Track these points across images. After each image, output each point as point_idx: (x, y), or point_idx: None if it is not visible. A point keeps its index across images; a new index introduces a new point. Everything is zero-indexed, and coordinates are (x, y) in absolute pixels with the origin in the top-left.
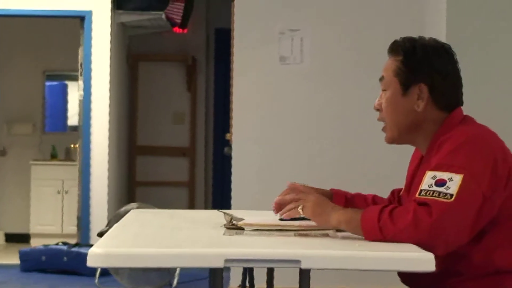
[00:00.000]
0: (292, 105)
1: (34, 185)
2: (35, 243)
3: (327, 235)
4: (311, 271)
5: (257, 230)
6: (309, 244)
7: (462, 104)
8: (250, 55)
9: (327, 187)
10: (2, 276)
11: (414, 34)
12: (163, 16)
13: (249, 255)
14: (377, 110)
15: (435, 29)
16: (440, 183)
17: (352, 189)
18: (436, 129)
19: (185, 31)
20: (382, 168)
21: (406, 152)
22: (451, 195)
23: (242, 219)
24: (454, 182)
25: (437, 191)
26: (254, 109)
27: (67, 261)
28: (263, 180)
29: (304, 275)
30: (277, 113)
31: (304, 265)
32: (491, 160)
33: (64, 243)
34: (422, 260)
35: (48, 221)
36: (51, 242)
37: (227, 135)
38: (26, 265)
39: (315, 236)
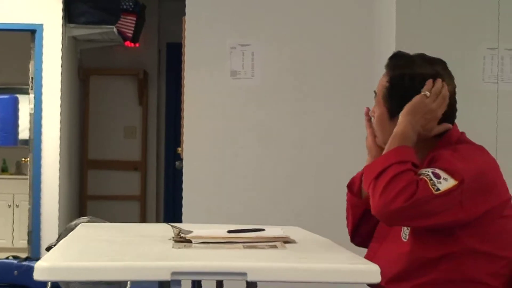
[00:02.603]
0: (243, 119)
1: None
2: None
3: (275, 247)
4: (260, 283)
5: (205, 242)
6: (256, 257)
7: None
8: (201, 69)
9: (278, 202)
10: None
11: (365, 48)
12: (115, 30)
13: (195, 267)
14: (371, 117)
15: (385, 43)
16: (436, 175)
17: (304, 203)
18: (428, 151)
19: (137, 45)
20: (336, 181)
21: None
22: (438, 189)
23: (191, 232)
24: (447, 182)
25: (430, 177)
26: (205, 123)
27: (18, 275)
28: (214, 194)
29: None
30: (228, 127)
31: (250, 278)
32: (484, 178)
33: (15, 257)
34: (368, 272)
35: None
36: (1, 256)
37: (179, 149)
38: None
39: (263, 248)
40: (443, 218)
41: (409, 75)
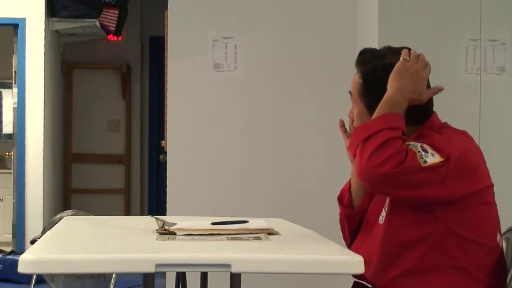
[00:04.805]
0: (226, 112)
1: None
2: None
3: (259, 239)
4: (245, 275)
5: (189, 234)
6: (240, 248)
7: (433, 112)
8: (184, 63)
9: (263, 195)
10: None
11: (348, 39)
12: (97, 23)
13: (179, 259)
14: (352, 119)
15: (368, 34)
16: (424, 149)
17: (288, 195)
18: (411, 135)
19: (120, 38)
20: (320, 174)
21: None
22: (425, 161)
23: (174, 224)
24: (434, 157)
25: (419, 149)
26: (189, 116)
27: (2, 269)
28: (198, 187)
29: (235, 279)
30: (211, 120)
31: (234, 269)
32: (468, 160)
33: None
34: (351, 263)
35: None
36: None
37: (162, 142)
38: None
39: (247, 239)
40: (425, 192)
41: (381, 66)
